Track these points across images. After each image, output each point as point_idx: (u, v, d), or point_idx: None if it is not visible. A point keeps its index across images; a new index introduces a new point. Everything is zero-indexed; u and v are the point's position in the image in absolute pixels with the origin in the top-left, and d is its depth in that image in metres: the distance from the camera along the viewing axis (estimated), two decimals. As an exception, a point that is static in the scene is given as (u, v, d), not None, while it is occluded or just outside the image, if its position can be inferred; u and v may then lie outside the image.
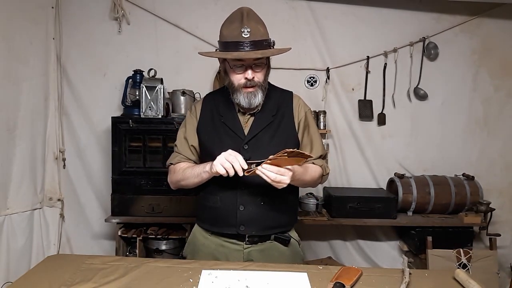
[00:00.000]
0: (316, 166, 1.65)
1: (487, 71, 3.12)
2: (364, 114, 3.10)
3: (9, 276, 2.56)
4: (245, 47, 1.46)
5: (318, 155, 1.68)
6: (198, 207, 1.71)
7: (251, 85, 1.53)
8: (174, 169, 1.67)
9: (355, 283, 1.34)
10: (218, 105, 1.66)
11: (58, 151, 2.97)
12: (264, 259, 1.59)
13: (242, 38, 1.46)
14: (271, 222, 1.60)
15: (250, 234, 1.58)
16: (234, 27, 1.49)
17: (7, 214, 2.62)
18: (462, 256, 2.63)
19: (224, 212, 1.58)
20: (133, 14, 2.97)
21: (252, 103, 1.55)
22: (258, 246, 1.61)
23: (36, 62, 2.78)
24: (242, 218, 1.57)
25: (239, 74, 1.53)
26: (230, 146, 1.54)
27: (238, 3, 1.63)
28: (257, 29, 1.49)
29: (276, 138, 1.60)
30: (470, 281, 1.32)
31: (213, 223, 1.63)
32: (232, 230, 1.58)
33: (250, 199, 1.57)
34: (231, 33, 1.49)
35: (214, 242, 1.64)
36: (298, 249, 1.71)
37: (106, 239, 3.09)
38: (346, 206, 2.81)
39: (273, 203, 1.58)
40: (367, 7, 3.05)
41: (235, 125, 1.61)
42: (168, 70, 2.96)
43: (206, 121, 1.65)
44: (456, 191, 2.90)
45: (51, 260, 1.53)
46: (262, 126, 1.60)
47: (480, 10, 3.04)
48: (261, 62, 1.53)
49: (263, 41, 1.49)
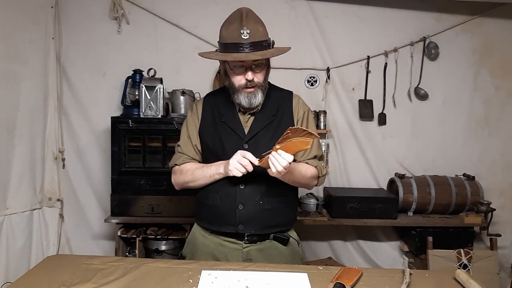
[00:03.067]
0: (309, 166, 1.62)
1: (488, 71, 3.11)
2: (365, 114, 3.10)
3: (8, 276, 2.55)
4: (245, 49, 1.46)
5: (313, 155, 1.66)
6: (197, 205, 1.71)
7: (251, 86, 1.54)
8: (181, 170, 1.66)
9: (355, 284, 1.34)
10: (219, 105, 1.67)
11: (57, 151, 2.97)
12: (263, 258, 1.59)
13: (241, 39, 1.46)
14: (270, 221, 1.60)
15: (249, 233, 1.59)
16: (233, 28, 1.48)
17: (7, 214, 2.61)
18: (462, 257, 2.62)
19: (223, 210, 1.58)
20: (133, 13, 2.97)
21: (252, 103, 1.56)
22: (257, 246, 1.61)
23: (36, 62, 2.77)
24: (241, 217, 1.57)
25: (239, 75, 1.54)
26: (230, 145, 1.56)
27: (238, 3, 1.63)
28: (256, 30, 1.49)
29: (276, 137, 1.57)
30: (471, 282, 1.32)
31: (212, 222, 1.63)
32: (231, 229, 1.58)
33: (249, 198, 1.57)
34: (231, 35, 1.48)
35: (213, 241, 1.64)
36: (297, 248, 1.71)
37: (105, 239, 3.09)
38: (347, 206, 2.80)
39: (273, 202, 1.59)
40: (367, 6, 3.04)
41: (235, 125, 1.61)
42: (168, 70, 2.96)
43: (208, 121, 1.66)
44: (456, 191, 2.89)
45: (50, 260, 1.53)
46: (262, 125, 1.61)
47: (480, 10, 3.03)
48: (260, 62, 1.53)
49: (263, 42, 1.49)
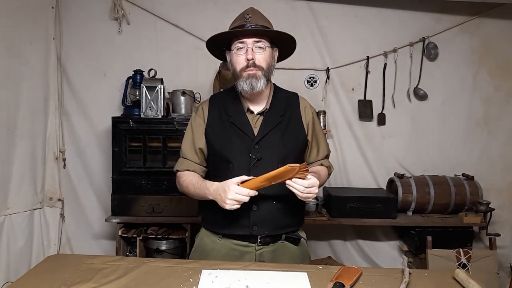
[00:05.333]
0: (324, 168, 1.71)
1: (487, 71, 3.12)
2: (364, 114, 3.11)
3: (9, 276, 2.56)
4: (247, 27, 1.52)
5: (325, 155, 1.73)
6: (206, 210, 1.66)
7: (252, 66, 1.53)
8: (180, 177, 1.65)
9: (355, 283, 1.34)
10: (226, 106, 1.65)
11: (58, 151, 2.97)
12: (275, 260, 1.58)
13: (244, 22, 1.52)
14: (283, 221, 1.59)
15: (263, 235, 1.57)
16: (237, 18, 1.56)
17: (7, 214, 2.61)
18: (462, 256, 2.63)
19: (237, 212, 1.51)
20: (133, 14, 2.97)
21: (254, 87, 1.53)
22: (269, 247, 1.59)
23: (36, 62, 2.78)
24: (255, 218, 1.55)
25: (240, 56, 1.54)
26: (240, 146, 1.55)
27: (238, 3, 1.65)
28: (261, 17, 1.56)
29: (285, 137, 1.60)
30: (470, 281, 1.32)
31: (225, 225, 1.58)
32: (245, 231, 1.56)
33: (263, 198, 1.53)
34: (234, 24, 1.56)
35: (225, 246, 1.60)
36: (306, 248, 1.72)
37: (106, 239, 3.09)
38: (346, 206, 2.81)
39: (285, 202, 1.57)
40: (367, 7, 3.05)
41: (244, 125, 1.59)
42: (168, 70, 2.96)
43: (215, 122, 1.63)
44: (456, 191, 2.90)
45: (51, 260, 1.53)
46: (271, 126, 1.59)
47: (480, 10, 3.04)
48: (262, 44, 1.54)
49: (266, 27, 1.55)
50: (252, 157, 1.54)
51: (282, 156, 1.54)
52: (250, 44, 1.52)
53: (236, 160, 1.54)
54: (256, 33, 1.52)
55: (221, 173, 1.53)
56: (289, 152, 1.58)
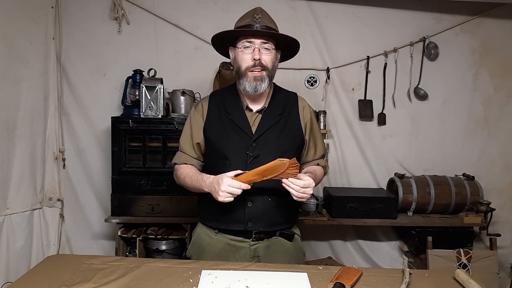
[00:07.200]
0: (320, 167, 1.73)
1: (487, 71, 3.12)
2: (364, 114, 3.10)
3: (9, 276, 2.55)
4: (256, 27, 1.54)
5: (321, 154, 1.76)
6: (203, 206, 1.70)
7: (258, 67, 1.55)
8: (177, 170, 1.68)
9: (355, 283, 1.34)
10: (225, 103, 1.67)
11: (58, 151, 2.97)
12: (270, 254, 1.62)
13: (254, 21, 1.54)
14: (277, 218, 1.62)
15: (257, 230, 1.60)
16: (246, 16, 1.58)
17: (7, 214, 2.61)
18: (462, 256, 2.63)
19: (232, 208, 1.57)
20: (133, 14, 2.97)
21: (258, 89, 1.57)
22: (264, 242, 1.63)
23: (36, 62, 2.78)
24: (250, 215, 1.58)
25: (247, 55, 1.56)
26: (237, 143, 1.57)
27: (238, 3, 1.65)
28: (269, 20, 1.59)
29: (282, 136, 1.62)
30: (470, 281, 1.32)
31: (220, 220, 1.62)
32: (240, 227, 1.59)
33: (258, 195, 1.57)
34: (243, 21, 1.57)
35: (220, 241, 1.64)
36: (300, 244, 1.74)
37: (106, 239, 3.09)
38: (346, 206, 2.81)
39: (280, 199, 1.59)
40: (367, 7, 3.05)
41: (242, 123, 1.61)
42: (168, 70, 2.96)
43: (213, 118, 1.65)
44: (456, 191, 2.90)
45: (51, 260, 1.53)
46: (269, 124, 1.62)
47: (480, 10, 3.04)
48: (269, 46, 1.57)
49: (274, 29, 1.58)
50: (249, 155, 1.57)
51: (279, 154, 1.55)
52: (258, 45, 1.55)
53: (233, 156, 1.57)
54: (266, 35, 1.55)
55: (218, 169, 1.55)
56: (286, 150, 1.59)
